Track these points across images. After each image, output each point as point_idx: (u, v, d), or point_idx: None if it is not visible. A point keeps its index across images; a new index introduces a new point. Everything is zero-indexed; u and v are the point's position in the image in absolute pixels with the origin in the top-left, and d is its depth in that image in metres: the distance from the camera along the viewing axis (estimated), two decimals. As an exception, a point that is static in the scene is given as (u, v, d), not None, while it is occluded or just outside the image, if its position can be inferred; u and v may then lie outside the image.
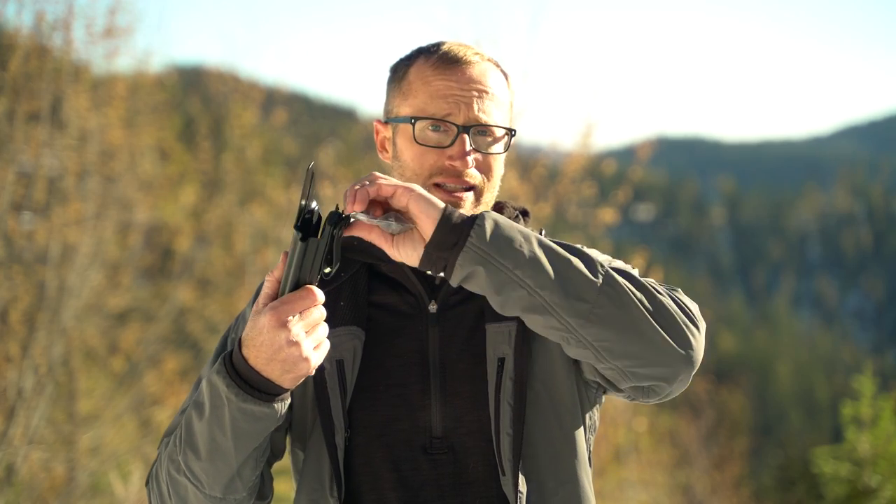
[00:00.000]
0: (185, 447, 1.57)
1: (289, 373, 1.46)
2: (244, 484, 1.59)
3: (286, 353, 1.44)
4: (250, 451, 1.55)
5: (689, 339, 1.53)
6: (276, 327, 1.43)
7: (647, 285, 1.54)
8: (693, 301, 1.58)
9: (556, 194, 10.99)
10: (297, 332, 1.44)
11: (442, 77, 1.69)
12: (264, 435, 1.54)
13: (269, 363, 1.46)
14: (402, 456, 1.65)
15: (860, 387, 9.18)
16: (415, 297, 1.73)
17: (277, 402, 1.50)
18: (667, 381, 1.56)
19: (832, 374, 47.08)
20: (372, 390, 1.67)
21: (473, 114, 1.68)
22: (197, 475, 1.57)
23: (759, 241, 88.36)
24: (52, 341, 7.79)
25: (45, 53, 8.18)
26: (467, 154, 1.67)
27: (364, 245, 1.76)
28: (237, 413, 1.49)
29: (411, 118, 1.69)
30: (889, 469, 8.95)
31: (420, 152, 1.69)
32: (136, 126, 10.76)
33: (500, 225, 1.49)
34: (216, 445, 1.53)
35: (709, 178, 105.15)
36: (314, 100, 49.50)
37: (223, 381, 1.48)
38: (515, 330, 1.66)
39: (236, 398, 1.48)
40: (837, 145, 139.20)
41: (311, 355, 1.46)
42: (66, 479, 8.31)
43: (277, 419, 1.52)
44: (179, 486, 1.60)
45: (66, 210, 8.41)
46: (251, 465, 1.58)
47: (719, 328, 47.24)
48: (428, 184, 1.69)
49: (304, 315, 1.45)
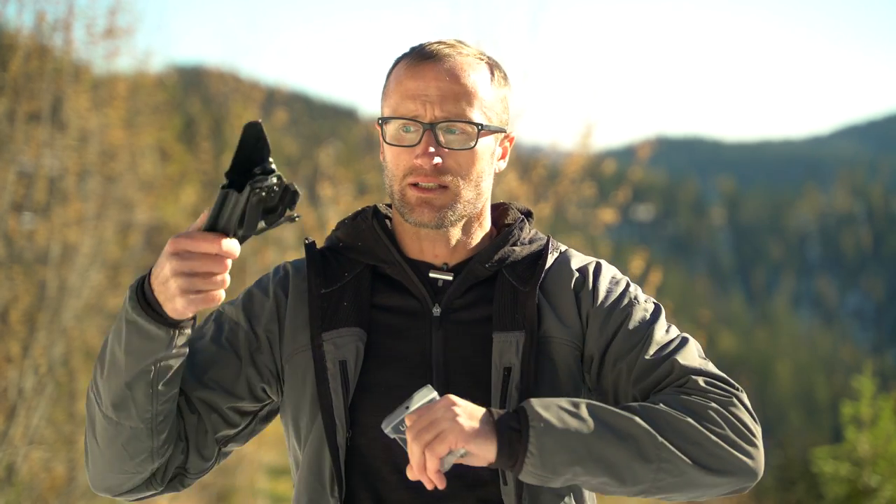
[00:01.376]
0: (98, 361, 1.60)
1: (168, 302, 1.47)
2: (138, 411, 1.57)
3: (167, 283, 1.45)
4: (139, 368, 1.54)
5: (747, 467, 1.55)
6: (167, 254, 1.44)
7: (706, 413, 1.54)
8: (748, 406, 1.59)
9: (556, 194, 10.98)
10: (177, 269, 1.42)
11: (411, 76, 1.70)
12: (155, 355, 1.53)
13: (158, 286, 1.47)
14: (403, 457, 1.63)
15: (860, 387, 9.18)
16: (418, 299, 1.73)
17: (166, 328, 1.50)
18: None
19: (832, 374, 47.11)
20: (374, 391, 1.67)
21: (439, 111, 1.67)
22: (98, 390, 1.59)
23: (759, 241, 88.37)
24: (53, 341, 7.79)
25: (46, 54, 8.19)
26: (428, 152, 1.66)
27: (367, 246, 1.77)
28: (130, 326, 1.51)
29: (382, 119, 1.72)
30: (889, 469, 8.95)
31: (395, 153, 1.71)
32: (136, 126, 10.76)
33: (550, 441, 1.48)
34: (114, 357, 1.55)
35: (709, 178, 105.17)
36: (314, 100, 49.53)
37: (129, 293, 1.51)
38: (523, 340, 1.66)
39: (131, 310, 1.50)
40: (837, 145, 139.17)
41: (181, 298, 1.44)
42: (67, 478, 8.31)
43: (168, 345, 1.52)
44: (91, 405, 1.62)
45: (66, 210, 8.41)
46: (144, 391, 1.56)
47: (719, 328, 47.23)
48: (403, 184, 1.70)
49: (204, 259, 1.42)
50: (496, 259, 1.74)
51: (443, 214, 1.69)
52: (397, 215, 1.77)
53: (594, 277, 1.75)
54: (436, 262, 1.76)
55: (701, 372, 1.61)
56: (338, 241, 1.80)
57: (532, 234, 1.81)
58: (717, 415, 1.54)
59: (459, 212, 1.71)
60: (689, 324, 19.59)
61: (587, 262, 1.79)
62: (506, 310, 1.69)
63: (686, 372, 1.61)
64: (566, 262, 1.77)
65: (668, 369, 1.62)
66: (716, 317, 46.50)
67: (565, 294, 1.73)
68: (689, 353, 1.64)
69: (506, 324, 1.67)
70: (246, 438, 1.77)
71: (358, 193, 12.18)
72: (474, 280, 1.74)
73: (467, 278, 1.74)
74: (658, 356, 1.64)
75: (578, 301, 1.72)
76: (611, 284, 1.75)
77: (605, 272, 1.77)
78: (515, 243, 1.77)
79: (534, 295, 1.70)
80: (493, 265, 1.74)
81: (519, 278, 1.73)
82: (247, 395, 1.72)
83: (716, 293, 68.16)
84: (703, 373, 1.61)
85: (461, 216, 1.72)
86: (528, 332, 1.66)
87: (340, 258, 1.78)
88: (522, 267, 1.75)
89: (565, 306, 1.72)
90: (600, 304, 1.72)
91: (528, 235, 1.80)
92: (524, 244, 1.78)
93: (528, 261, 1.76)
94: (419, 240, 1.76)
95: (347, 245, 1.79)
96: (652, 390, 1.62)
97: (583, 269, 1.77)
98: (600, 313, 1.71)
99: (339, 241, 1.80)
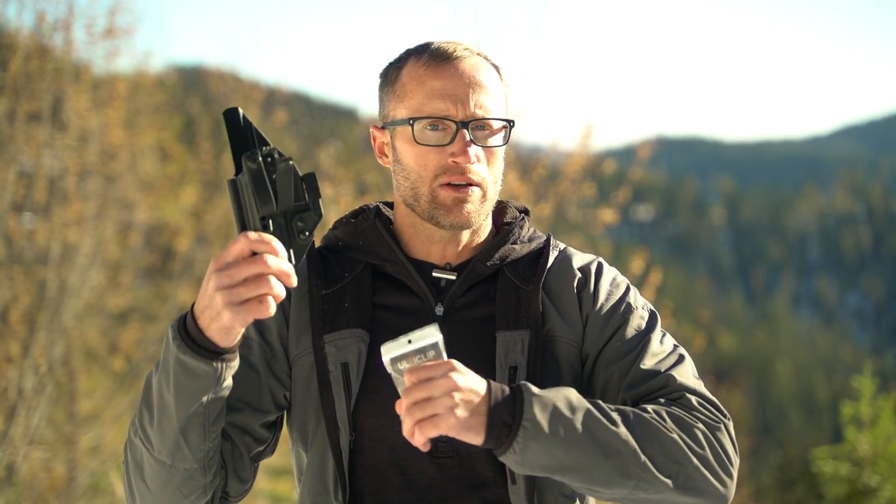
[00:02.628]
0: (142, 406, 1.56)
1: (214, 321, 1.42)
2: (192, 452, 1.54)
3: (212, 300, 1.40)
4: (191, 411, 1.50)
5: (719, 493, 1.56)
6: (209, 273, 1.40)
7: (692, 432, 1.55)
8: (733, 436, 1.60)
9: (556, 194, 10.98)
10: (219, 283, 1.38)
11: (435, 75, 1.68)
12: (206, 394, 1.49)
13: (202, 312, 1.43)
14: (407, 459, 1.64)
15: (860, 387, 9.18)
16: (420, 298, 1.72)
17: (216, 362, 1.46)
18: None
19: (832, 374, 47.12)
20: (377, 393, 1.66)
21: (470, 109, 1.66)
22: (149, 436, 1.55)
23: (759, 241, 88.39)
24: (53, 341, 7.79)
25: (46, 54, 8.19)
26: (467, 151, 1.65)
27: (369, 245, 1.76)
28: (178, 366, 1.47)
29: (409, 119, 1.68)
30: (889, 469, 8.95)
31: (421, 153, 1.68)
32: (136, 126, 10.75)
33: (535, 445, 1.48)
34: (163, 402, 1.51)
35: (709, 178, 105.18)
36: (314, 100, 49.51)
37: (171, 331, 1.47)
38: (528, 339, 1.66)
39: (177, 349, 1.46)
40: (837, 145, 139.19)
41: (227, 311, 1.38)
42: (67, 478, 8.32)
43: (217, 381, 1.48)
44: (136, 450, 1.58)
45: (66, 210, 8.41)
46: (197, 432, 1.53)
47: (719, 328, 47.23)
48: (434, 185, 1.67)
49: (241, 264, 1.37)
50: (497, 257, 1.74)
51: (476, 214, 1.69)
52: (404, 217, 1.75)
53: (596, 278, 1.75)
54: (440, 263, 1.75)
55: (695, 392, 1.62)
56: (337, 240, 1.79)
57: (531, 233, 1.81)
58: (703, 436, 1.55)
59: (486, 210, 1.71)
60: (689, 324, 19.58)
61: (588, 262, 1.79)
62: (509, 308, 1.69)
63: (681, 388, 1.62)
64: (568, 261, 1.77)
65: (663, 382, 1.63)
66: (716, 317, 46.49)
67: (568, 294, 1.73)
68: (685, 371, 1.65)
69: (510, 322, 1.67)
70: (273, 449, 1.75)
71: (358, 193, 12.17)
72: (476, 279, 1.73)
73: (469, 277, 1.73)
74: (654, 368, 1.64)
75: (580, 301, 1.72)
76: (611, 287, 1.75)
77: (607, 274, 1.77)
78: (516, 241, 1.77)
79: (537, 293, 1.70)
80: (495, 263, 1.74)
81: (520, 276, 1.72)
82: (272, 407, 1.70)
83: (716, 293, 68.17)
84: (698, 393, 1.62)
85: (487, 214, 1.73)
86: (533, 330, 1.66)
87: (340, 258, 1.76)
88: (523, 265, 1.74)
89: (569, 306, 1.72)
90: (600, 306, 1.72)
91: (527, 233, 1.80)
92: (524, 242, 1.78)
93: (529, 259, 1.75)
94: (429, 241, 1.74)
95: (347, 244, 1.77)
96: (643, 398, 1.63)
97: (585, 269, 1.77)
98: (599, 315, 1.71)
99: (338, 240, 1.79)
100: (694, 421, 1.56)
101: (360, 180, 13.09)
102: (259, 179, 1.38)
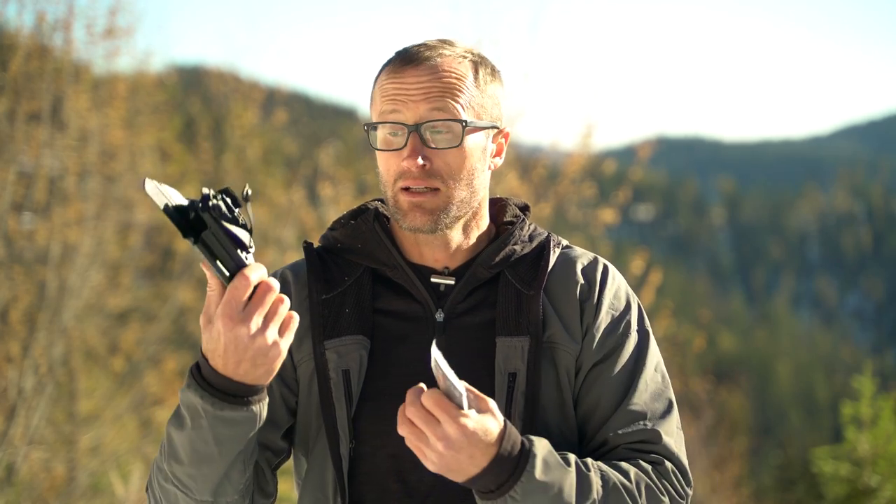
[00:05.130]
0: (168, 458, 1.56)
1: (261, 366, 1.45)
2: (234, 487, 1.57)
3: (253, 348, 1.42)
4: (236, 454, 1.53)
5: None
6: (231, 328, 1.41)
7: (657, 501, 1.60)
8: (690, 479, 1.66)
9: (556, 194, 10.98)
10: (256, 323, 1.42)
11: (392, 80, 1.67)
12: (248, 436, 1.52)
13: (239, 365, 1.44)
14: (407, 467, 1.63)
15: (860, 387, 9.17)
16: (421, 304, 1.71)
17: (255, 404, 1.49)
18: None
19: (832, 374, 47.05)
20: (377, 400, 1.65)
21: (421, 112, 1.64)
22: (184, 482, 1.56)
23: (759, 241, 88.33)
24: (53, 341, 7.80)
25: (46, 54, 8.20)
26: (414, 154, 1.63)
27: (368, 248, 1.74)
28: (216, 422, 1.48)
29: (365, 126, 1.69)
30: (889, 469, 8.94)
31: (384, 158, 1.68)
32: (136, 126, 10.75)
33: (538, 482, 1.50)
34: (199, 455, 1.52)
35: (709, 178, 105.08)
36: (314, 100, 49.38)
37: (196, 394, 1.47)
38: (528, 345, 1.65)
39: (213, 408, 1.46)
40: (837, 145, 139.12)
41: (279, 339, 1.45)
42: (67, 478, 8.32)
43: (258, 420, 1.51)
44: (169, 495, 1.59)
45: (66, 210, 8.41)
46: (239, 469, 1.56)
47: (719, 328, 47.20)
48: (395, 189, 1.67)
49: (256, 303, 1.43)
50: (498, 260, 1.72)
51: (436, 218, 1.66)
52: None
53: (600, 289, 1.73)
54: (436, 266, 1.73)
55: (674, 459, 1.66)
56: (335, 241, 1.77)
57: (532, 231, 1.78)
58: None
59: (454, 214, 1.67)
60: (689, 324, 19.58)
61: (591, 266, 1.76)
62: (510, 314, 1.68)
63: (663, 453, 1.65)
64: (570, 265, 1.75)
65: (648, 436, 1.65)
66: (716, 317, 46.46)
67: (570, 302, 1.71)
68: (670, 427, 1.67)
69: (510, 328, 1.66)
70: (290, 454, 1.76)
71: (358, 193, 12.18)
72: (476, 283, 1.72)
73: (469, 282, 1.71)
74: (642, 410, 1.66)
75: (582, 312, 1.71)
76: (614, 300, 1.73)
77: (611, 285, 1.75)
78: (516, 242, 1.74)
79: (538, 298, 1.68)
80: (496, 267, 1.72)
81: (522, 280, 1.70)
82: (287, 416, 1.71)
83: (716, 293, 68.10)
84: (676, 461, 1.66)
85: (456, 218, 1.69)
86: (534, 336, 1.65)
87: (339, 260, 1.75)
88: (524, 267, 1.72)
89: (570, 315, 1.70)
90: (600, 321, 1.70)
91: (527, 232, 1.77)
92: (525, 242, 1.75)
93: (530, 259, 1.73)
94: (418, 244, 1.73)
95: (346, 246, 1.75)
96: (628, 444, 1.65)
97: (588, 276, 1.74)
98: (598, 332, 1.70)
99: (336, 241, 1.77)
100: (662, 494, 1.60)
101: (360, 180, 13.10)
102: (220, 227, 1.40)
